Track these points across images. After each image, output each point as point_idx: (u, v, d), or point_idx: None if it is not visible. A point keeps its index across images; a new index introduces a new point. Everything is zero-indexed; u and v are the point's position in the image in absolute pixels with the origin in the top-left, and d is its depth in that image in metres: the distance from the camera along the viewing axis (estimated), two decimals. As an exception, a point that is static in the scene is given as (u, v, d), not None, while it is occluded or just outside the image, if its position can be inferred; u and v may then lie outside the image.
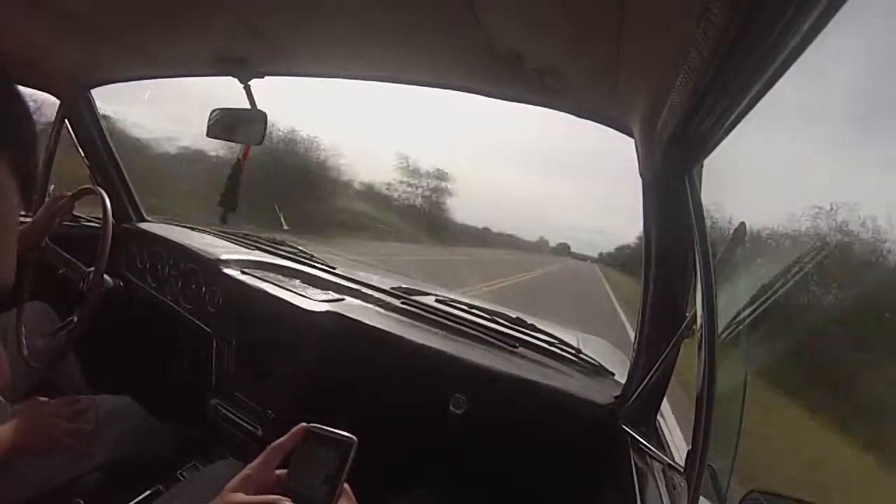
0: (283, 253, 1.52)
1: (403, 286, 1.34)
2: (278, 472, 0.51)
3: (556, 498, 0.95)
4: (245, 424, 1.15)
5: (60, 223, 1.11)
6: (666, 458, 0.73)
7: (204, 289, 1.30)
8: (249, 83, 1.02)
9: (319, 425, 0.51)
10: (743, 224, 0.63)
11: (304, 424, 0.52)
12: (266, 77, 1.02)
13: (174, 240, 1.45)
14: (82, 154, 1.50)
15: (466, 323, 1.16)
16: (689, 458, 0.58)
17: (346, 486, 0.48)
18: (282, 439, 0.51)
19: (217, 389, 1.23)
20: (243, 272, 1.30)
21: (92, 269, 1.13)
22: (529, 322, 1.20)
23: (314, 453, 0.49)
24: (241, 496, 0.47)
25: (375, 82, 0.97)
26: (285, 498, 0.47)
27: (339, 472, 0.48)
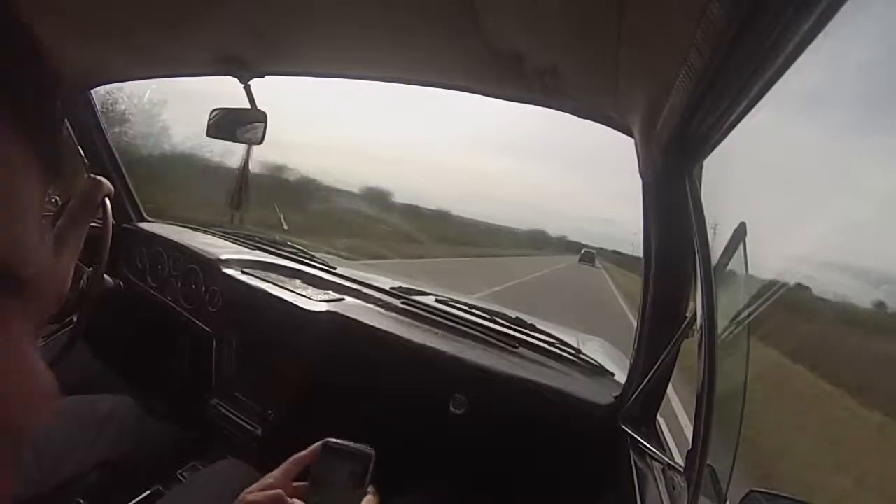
0: (283, 253, 1.52)
1: (403, 286, 1.34)
2: (296, 484, 0.52)
3: (557, 498, 0.95)
4: (245, 424, 1.15)
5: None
6: (666, 458, 0.73)
7: (204, 289, 1.30)
8: (249, 83, 1.02)
9: (337, 440, 0.53)
10: (743, 224, 0.63)
11: (326, 440, 0.53)
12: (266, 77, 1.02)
13: (174, 240, 1.45)
14: (82, 154, 1.50)
15: (466, 323, 1.16)
16: (689, 458, 0.58)
17: (370, 490, 0.50)
18: (302, 453, 0.53)
19: (217, 389, 1.23)
20: (244, 272, 1.30)
21: (92, 268, 1.13)
22: (529, 322, 1.20)
23: (333, 467, 0.51)
24: (255, 494, 0.49)
25: (375, 82, 0.97)
26: (294, 499, 0.48)
27: (360, 485, 0.49)
